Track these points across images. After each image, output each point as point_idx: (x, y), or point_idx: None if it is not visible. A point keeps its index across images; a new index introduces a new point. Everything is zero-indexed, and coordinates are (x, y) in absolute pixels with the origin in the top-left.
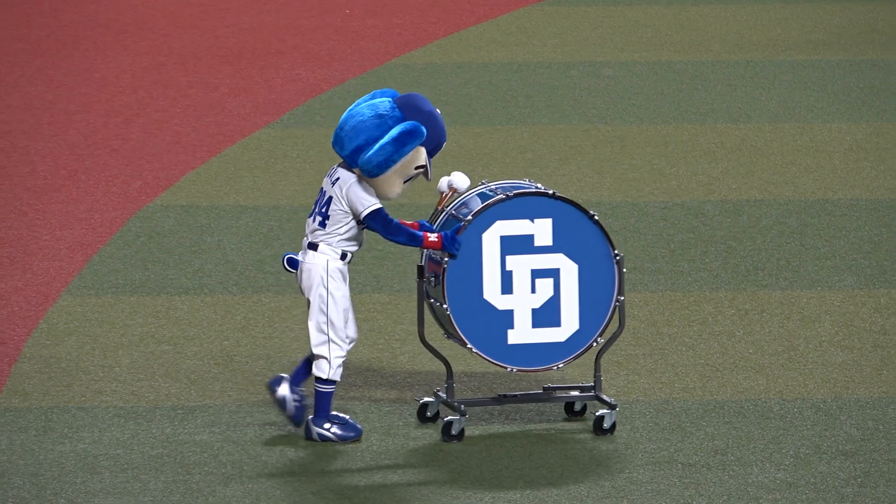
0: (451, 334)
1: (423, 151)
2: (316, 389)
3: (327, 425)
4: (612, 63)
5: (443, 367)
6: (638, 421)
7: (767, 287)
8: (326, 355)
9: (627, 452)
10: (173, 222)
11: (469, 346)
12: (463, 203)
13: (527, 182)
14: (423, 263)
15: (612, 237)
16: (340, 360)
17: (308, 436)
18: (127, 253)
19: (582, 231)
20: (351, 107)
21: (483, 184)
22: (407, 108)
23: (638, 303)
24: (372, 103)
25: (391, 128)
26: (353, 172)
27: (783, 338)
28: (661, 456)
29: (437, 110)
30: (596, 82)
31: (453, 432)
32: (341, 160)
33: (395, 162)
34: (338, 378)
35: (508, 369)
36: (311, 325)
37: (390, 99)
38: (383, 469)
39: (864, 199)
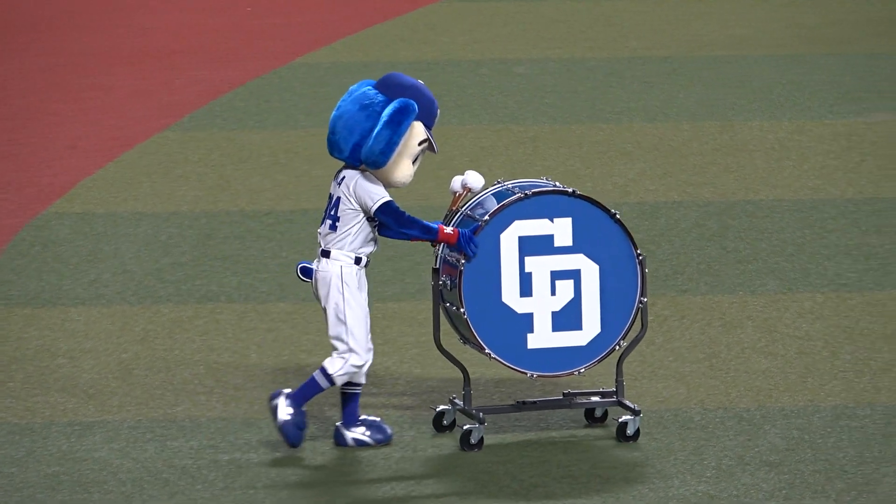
0: (467, 339)
1: (420, 126)
2: (313, 376)
3: (290, 412)
4: (523, 61)
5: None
6: (554, 432)
7: (687, 292)
8: (345, 358)
9: (543, 466)
10: (69, 231)
11: (487, 351)
12: (478, 203)
13: (544, 180)
14: (437, 266)
15: (634, 236)
16: (354, 370)
17: (273, 402)
18: (20, 263)
19: (603, 230)
20: (335, 109)
21: (499, 182)
22: (389, 88)
23: None
24: (353, 97)
25: (380, 113)
26: (359, 169)
27: (704, 344)
28: (578, 469)
29: (420, 81)
30: (507, 81)
31: (472, 441)
32: (343, 164)
33: (396, 144)
34: (339, 384)
35: (528, 375)
36: (332, 334)
37: (370, 86)
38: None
39: (787, 199)
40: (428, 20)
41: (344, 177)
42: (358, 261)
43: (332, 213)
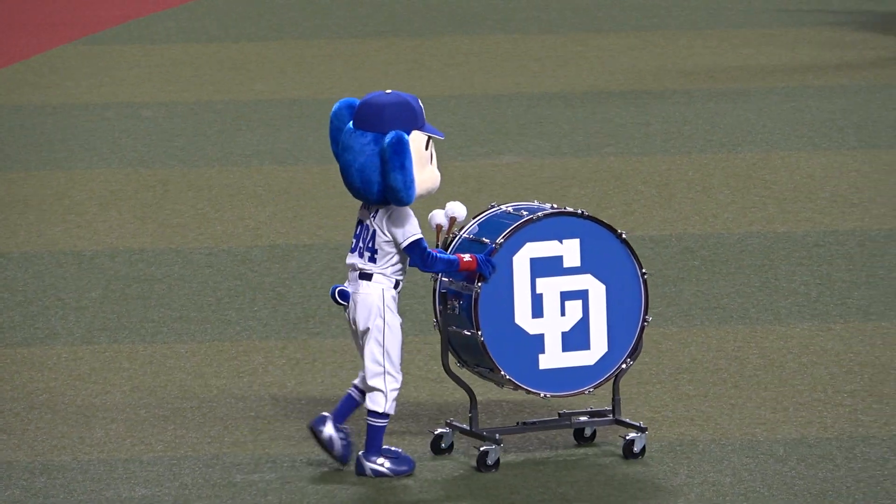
0: (465, 362)
1: (415, 134)
2: (368, 423)
3: (380, 460)
4: (150, 104)
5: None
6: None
7: (319, 335)
8: (382, 388)
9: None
10: None
11: (503, 373)
12: (475, 228)
13: (536, 204)
14: (443, 290)
15: (639, 256)
16: (396, 393)
17: (360, 471)
18: None
19: (609, 250)
20: (337, 150)
21: (494, 206)
22: (368, 122)
23: (185, 353)
24: (347, 146)
25: (377, 153)
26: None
27: (337, 387)
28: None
29: (387, 91)
30: (135, 124)
31: (489, 462)
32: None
33: (412, 179)
34: (392, 412)
35: (541, 395)
36: (367, 356)
37: (351, 128)
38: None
39: None
40: (52, 63)
41: (378, 210)
42: (397, 284)
43: (370, 245)
